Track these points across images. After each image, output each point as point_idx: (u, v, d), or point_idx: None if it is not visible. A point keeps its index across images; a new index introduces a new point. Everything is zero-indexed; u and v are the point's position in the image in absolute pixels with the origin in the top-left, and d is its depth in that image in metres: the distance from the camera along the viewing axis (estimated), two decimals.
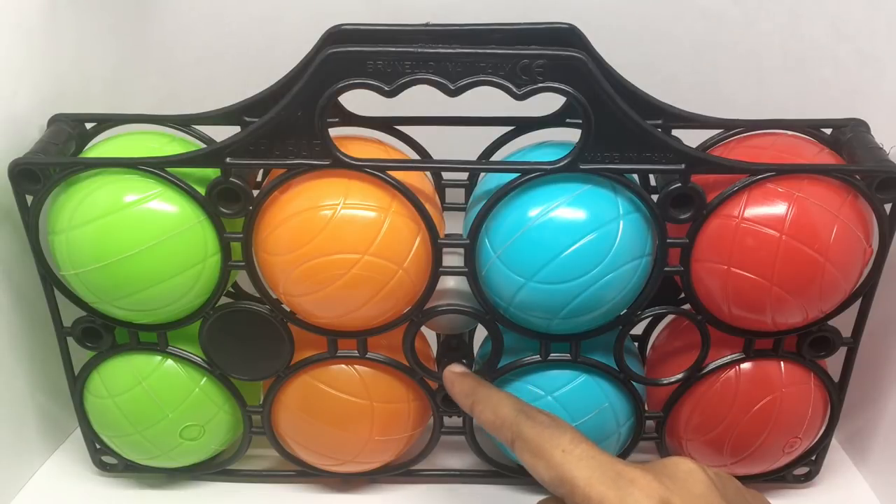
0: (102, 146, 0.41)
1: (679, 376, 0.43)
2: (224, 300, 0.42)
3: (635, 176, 0.39)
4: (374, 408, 0.43)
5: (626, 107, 0.36)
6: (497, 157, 0.45)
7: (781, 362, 0.43)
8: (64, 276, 0.41)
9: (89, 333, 0.43)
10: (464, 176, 0.47)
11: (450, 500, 0.47)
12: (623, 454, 0.45)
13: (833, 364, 0.44)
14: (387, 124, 0.45)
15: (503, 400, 0.38)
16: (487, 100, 0.37)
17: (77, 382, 0.45)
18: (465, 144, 0.44)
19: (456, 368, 0.42)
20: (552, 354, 0.42)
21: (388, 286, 0.39)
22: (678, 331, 0.47)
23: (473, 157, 0.45)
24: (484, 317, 0.41)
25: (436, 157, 0.45)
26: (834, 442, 0.50)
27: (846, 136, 0.42)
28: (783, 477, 0.47)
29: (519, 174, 0.38)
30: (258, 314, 0.42)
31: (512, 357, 0.43)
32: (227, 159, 0.38)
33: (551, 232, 0.38)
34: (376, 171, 0.38)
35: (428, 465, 0.48)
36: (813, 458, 0.47)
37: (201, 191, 0.39)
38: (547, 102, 0.40)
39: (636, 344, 0.50)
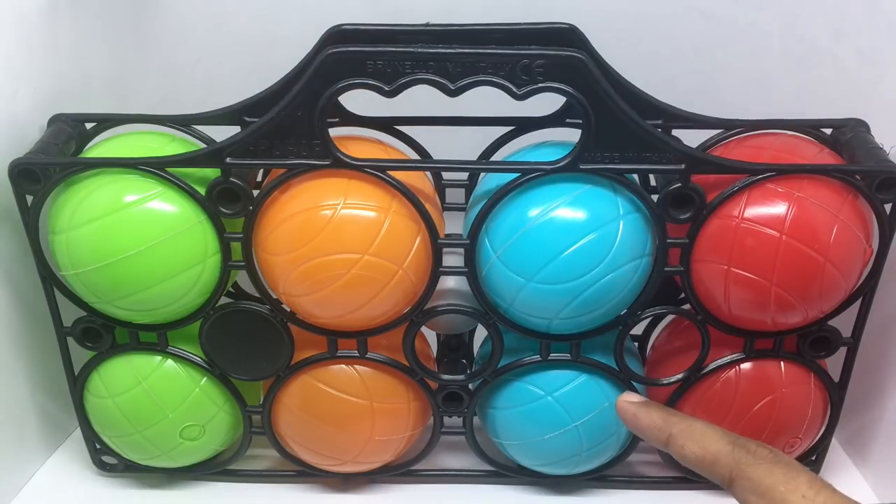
0: (102, 146, 0.41)
1: (679, 376, 0.43)
2: (224, 300, 0.42)
3: (635, 176, 0.39)
4: (374, 408, 0.43)
5: (626, 107, 0.36)
6: (497, 157, 0.45)
7: (781, 362, 0.43)
8: (64, 276, 0.41)
9: (89, 333, 0.43)
10: (464, 176, 0.47)
11: (450, 500, 0.47)
12: (623, 454, 0.45)
13: (833, 364, 0.44)
14: (387, 124, 0.45)
15: (708, 432, 0.33)
16: (487, 100, 0.37)
17: (77, 382, 0.45)
18: (465, 144, 0.44)
19: (631, 398, 0.37)
20: (552, 354, 0.42)
21: (388, 286, 0.39)
22: (678, 331, 0.46)
23: (473, 157, 0.45)
24: (484, 317, 0.41)
25: (436, 157, 0.45)
26: (834, 442, 0.49)
27: (846, 136, 0.42)
28: None
29: (519, 174, 0.38)
30: (258, 314, 0.42)
31: (512, 357, 0.43)
32: (227, 159, 0.38)
33: (551, 232, 0.38)
34: (376, 171, 0.38)
35: (428, 465, 0.48)
36: (813, 458, 0.46)
37: (201, 191, 0.39)
38: (547, 102, 0.40)
39: (636, 344, 0.50)
